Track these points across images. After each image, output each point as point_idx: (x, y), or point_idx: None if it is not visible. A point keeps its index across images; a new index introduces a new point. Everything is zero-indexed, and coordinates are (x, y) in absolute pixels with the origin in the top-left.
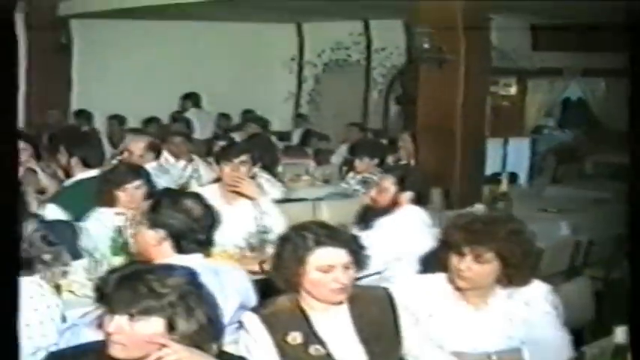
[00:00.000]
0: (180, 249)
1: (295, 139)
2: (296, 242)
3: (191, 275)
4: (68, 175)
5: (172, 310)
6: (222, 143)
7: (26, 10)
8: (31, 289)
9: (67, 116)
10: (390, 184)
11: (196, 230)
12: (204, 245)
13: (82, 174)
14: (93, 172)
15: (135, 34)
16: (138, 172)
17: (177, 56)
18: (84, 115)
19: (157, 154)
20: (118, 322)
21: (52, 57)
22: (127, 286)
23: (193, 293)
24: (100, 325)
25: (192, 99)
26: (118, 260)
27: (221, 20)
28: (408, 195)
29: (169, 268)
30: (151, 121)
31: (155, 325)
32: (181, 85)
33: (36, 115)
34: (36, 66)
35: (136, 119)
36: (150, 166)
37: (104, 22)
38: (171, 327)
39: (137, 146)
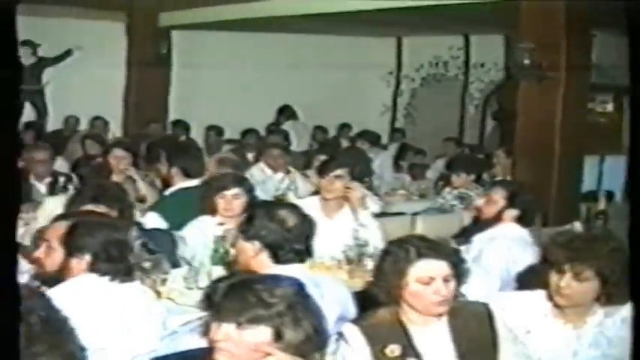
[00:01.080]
0: (277, 259)
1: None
2: (397, 254)
3: (299, 286)
4: (167, 184)
5: (280, 319)
6: (322, 157)
7: (127, 21)
8: (135, 295)
9: (164, 126)
10: (500, 197)
11: (291, 240)
12: (303, 255)
13: (182, 183)
14: (192, 182)
15: (233, 45)
16: (239, 180)
17: (274, 68)
18: (181, 125)
19: None
20: (226, 330)
21: (151, 67)
22: (236, 295)
23: (301, 303)
24: (203, 333)
25: (287, 112)
26: (217, 269)
27: (319, 33)
28: (513, 212)
29: (278, 279)
30: (248, 132)
31: (262, 334)
32: (278, 97)
33: (134, 124)
34: (135, 76)
35: (233, 130)
36: None
37: (203, 34)
38: (278, 336)
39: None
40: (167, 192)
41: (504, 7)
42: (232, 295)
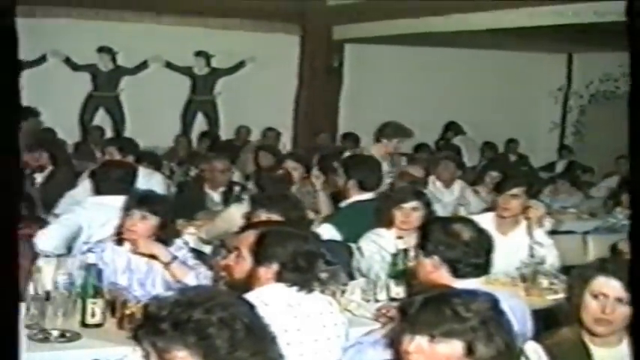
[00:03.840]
0: (456, 274)
1: (559, 170)
2: (582, 271)
3: (493, 301)
4: (342, 196)
5: (474, 334)
6: (494, 173)
7: (301, 34)
8: (321, 305)
9: (334, 137)
10: None
11: (469, 254)
12: (480, 270)
13: (358, 196)
14: (368, 195)
15: (403, 59)
16: (418, 193)
17: (442, 82)
18: (351, 137)
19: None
20: (419, 343)
21: (322, 79)
22: (431, 308)
23: (494, 319)
24: (388, 345)
25: (454, 127)
26: (394, 282)
27: (490, 48)
28: None
29: (474, 293)
30: (421, 147)
31: (455, 348)
32: (445, 111)
33: (304, 136)
34: (307, 88)
35: (405, 144)
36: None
37: (376, 47)
38: (469, 351)
39: None
40: (343, 204)
41: None
42: (428, 308)
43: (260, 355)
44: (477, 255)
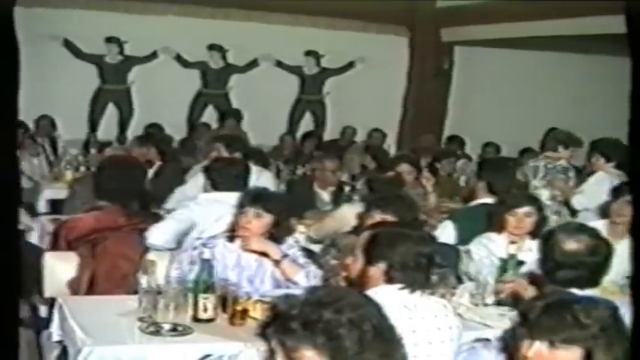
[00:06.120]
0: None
1: None
2: None
3: (613, 309)
4: (470, 197)
5: (594, 341)
6: None
7: (410, 36)
8: (436, 307)
9: (439, 139)
10: None
11: (585, 263)
12: (596, 280)
13: (485, 199)
14: (494, 199)
15: (513, 62)
16: (531, 199)
17: (551, 87)
18: (457, 140)
19: None
20: (538, 348)
21: (431, 81)
22: (552, 314)
23: (614, 327)
24: (503, 349)
25: (554, 134)
26: (500, 287)
27: (596, 53)
28: None
29: (594, 300)
30: (526, 152)
31: (574, 354)
32: (554, 117)
33: (409, 137)
34: (414, 90)
35: (512, 149)
36: None
37: (486, 50)
38: (588, 358)
39: None
40: (469, 204)
41: None
42: (549, 314)
43: (387, 357)
44: (594, 268)
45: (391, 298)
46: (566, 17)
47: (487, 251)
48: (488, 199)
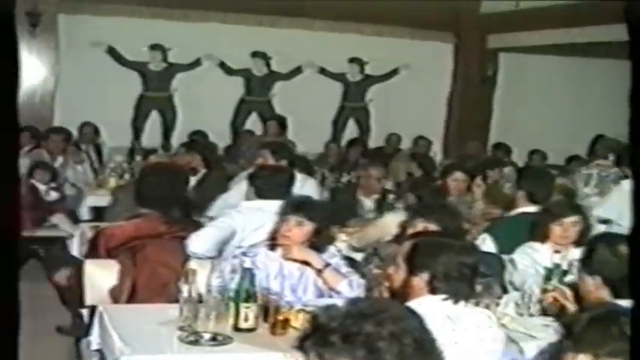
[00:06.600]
0: (618, 295)
1: None
2: None
3: None
4: (509, 207)
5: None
6: None
7: (455, 42)
8: (480, 319)
9: (484, 146)
10: None
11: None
12: None
13: (525, 208)
14: (534, 208)
15: (558, 69)
16: (577, 208)
17: (596, 94)
18: (502, 148)
19: None
20: None
21: (476, 88)
22: (598, 327)
23: None
24: None
25: (603, 142)
26: (544, 297)
27: None
28: None
29: None
30: (573, 159)
31: None
32: (601, 124)
33: (454, 144)
34: (459, 96)
35: (558, 156)
36: None
37: (531, 57)
38: None
39: None
40: (507, 215)
41: None
42: (594, 327)
43: None
44: None
45: (434, 309)
46: (614, 23)
47: (531, 260)
48: (529, 208)
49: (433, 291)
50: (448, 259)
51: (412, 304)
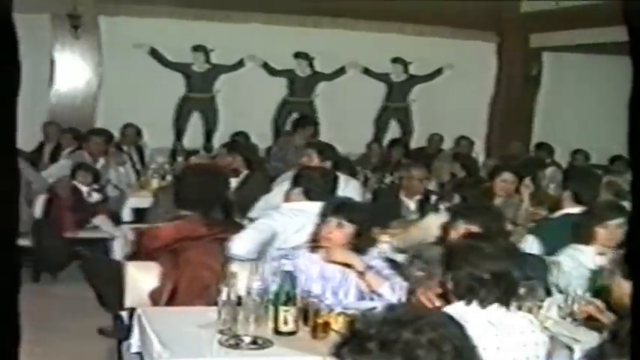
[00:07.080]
0: None
1: None
2: None
3: None
4: (555, 208)
5: None
6: None
7: (498, 41)
8: (522, 323)
9: (527, 147)
10: None
11: None
12: None
13: (570, 209)
14: (579, 209)
15: (602, 68)
16: (622, 209)
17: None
18: (545, 148)
19: None
20: None
21: (519, 88)
22: None
23: None
24: None
25: None
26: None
27: None
28: None
29: None
30: (617, 159)
31: None
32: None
33: (497, 145)
34: (502, 96)
35: (601, 156)
36: None
37: (574, 56)
38: None
39: None
40: (552, 216)
41: None
42: None
43: None
44: None
45: (476, 315)
46: None
47: (577, 263)
48: (574, 209)
49: (473, 296)
50: (483, 264)
51: (451, 309)
